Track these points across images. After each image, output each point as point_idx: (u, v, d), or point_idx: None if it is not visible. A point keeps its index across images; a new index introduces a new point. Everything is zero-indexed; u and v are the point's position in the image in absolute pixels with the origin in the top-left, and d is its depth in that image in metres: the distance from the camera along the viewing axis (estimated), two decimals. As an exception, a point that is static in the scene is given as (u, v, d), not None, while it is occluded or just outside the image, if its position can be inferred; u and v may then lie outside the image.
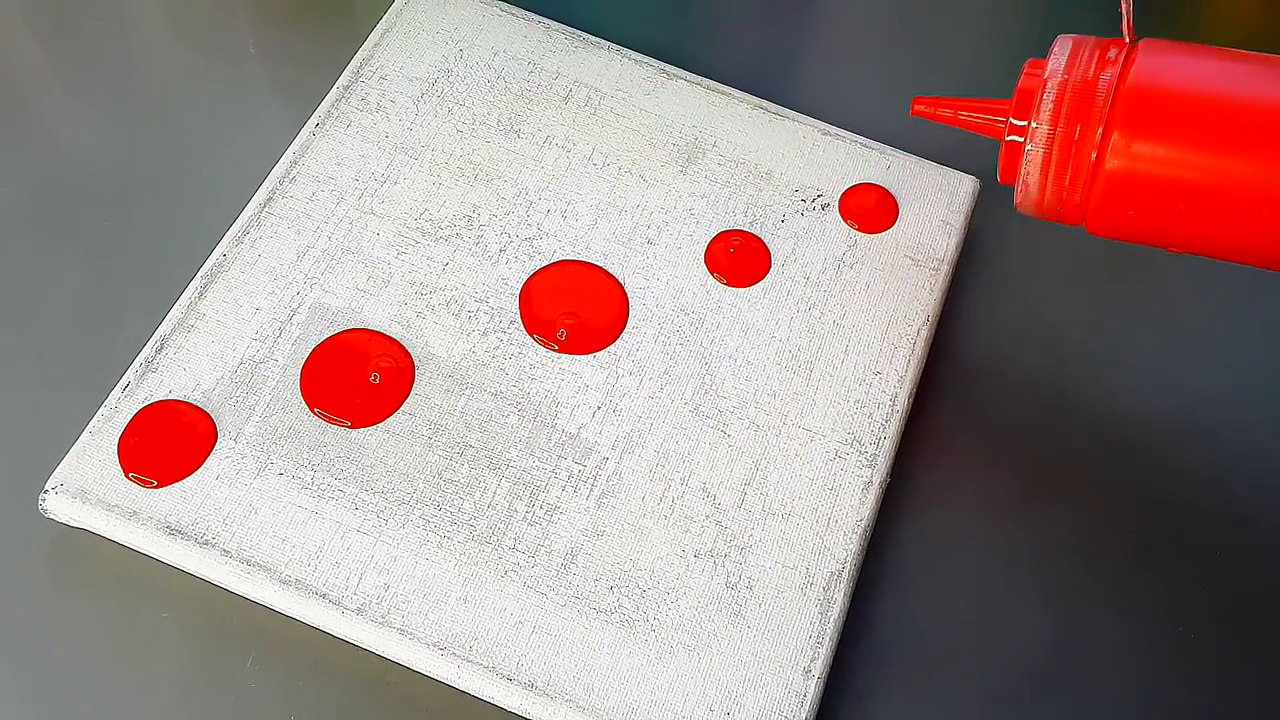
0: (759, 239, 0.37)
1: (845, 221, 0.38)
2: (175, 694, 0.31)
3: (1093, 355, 0.38)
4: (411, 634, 0.30)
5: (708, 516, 0.33)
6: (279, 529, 0.31)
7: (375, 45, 0.40)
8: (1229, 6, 0.48)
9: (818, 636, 0.31)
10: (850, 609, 0.32)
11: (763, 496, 0.33)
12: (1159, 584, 0.34)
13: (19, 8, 0.42)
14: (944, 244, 0.38)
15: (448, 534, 0.32)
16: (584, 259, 0.37)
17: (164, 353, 0.34)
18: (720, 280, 0.36)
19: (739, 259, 0.37)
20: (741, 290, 0.36)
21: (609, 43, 0.41)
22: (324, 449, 0.33)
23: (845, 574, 0.32)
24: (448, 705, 0.31)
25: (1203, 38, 0.47)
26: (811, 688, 0.31)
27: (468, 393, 0.34)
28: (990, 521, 0.35)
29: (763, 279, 0.37)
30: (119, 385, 0.33)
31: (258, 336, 0.34)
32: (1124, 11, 0.30)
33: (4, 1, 0.42)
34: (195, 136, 0.40)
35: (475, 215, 0.37)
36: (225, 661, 0.31)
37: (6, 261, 0.37)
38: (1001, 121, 0.31)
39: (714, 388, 0.35)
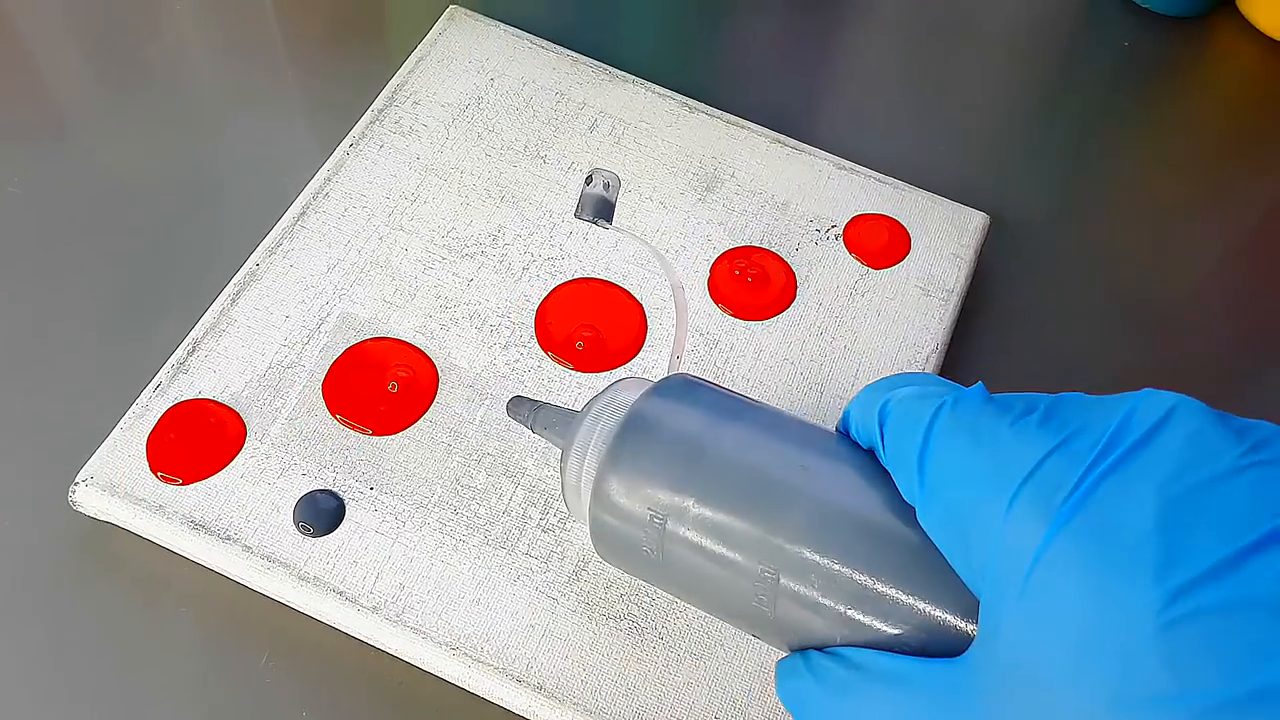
0: (785, 265, 0.38)
1: (854, 256, 0.39)
2: (191, 688, 0.31)
3: (1096, 387, 0.39)
4: (425, 633, 0.31)
5: (717, 530, 0.33)
6: (300, 527, 0.32)
7: (410, 71, 0.42)
8: (1233, 60, 0.50)
9: (823, 650, 0.32)
10: (855, 625, 0.33)
11: (772, 513, 0.34)
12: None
13: (67, 28, 0.44)
14: (954, 276, 0.39)
15: (463, 538, 0.32)
16: (604, 279, 0.38)
17: (195, 355, 0.35)
18: (728, 312, 0.38)
19: (755, 288, 0.38)
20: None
21: (634, 76, 0.42)
22: (346, 452, 0.33)
23: (851, 590, 0.33)
24: (457, 707, 0.31)
25: (1204, 83, 0.49)
26: (816, 700, 0.31)
27: (487, 403, 0.35)
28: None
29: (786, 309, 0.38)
30: (151, 385, 0.34)
31: (287, 343, 0.35)
32: None
33: (52, 22, 0.44)
34: (232, 154, 0.41)
35: (500, 234, 0.38)
36: (241, 658, 0.32)
37: (47, 265, 0.38)
38: None
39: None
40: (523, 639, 0.31)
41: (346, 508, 0.33)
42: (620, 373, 0.36)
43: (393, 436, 0.34)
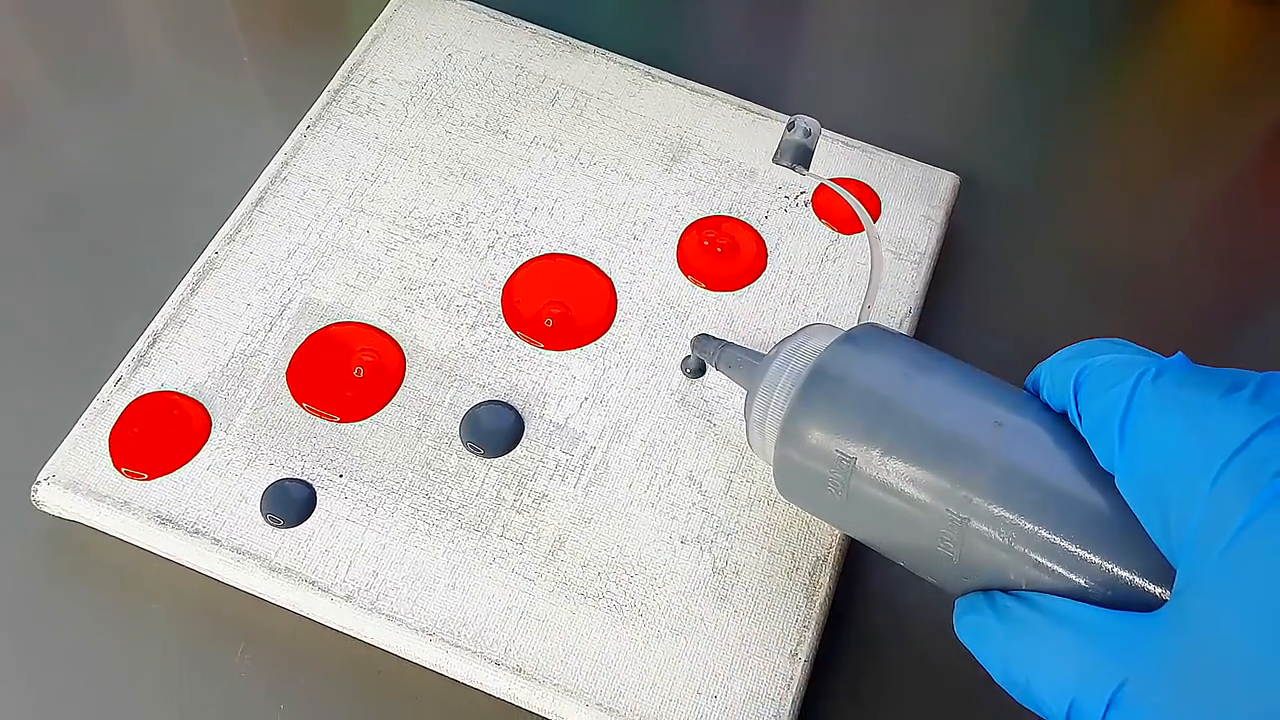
0: (755, 234, 0.38)
1: (824, 222, 0.38)
2: (165, 684, 0.31)
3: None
4: (400, 620, 0.30)
5: (694, 504, 0.33)
6: (269, 518, 0.32)
7: (365, 50, 0.41)
8: (1205, 14, 0.49)
9: (804, 620, 0.31)
10: (836, 593, 0.32)
11: (749, 484, 0.33)
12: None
13: (18, 19, 0.43)
14: (925, 238, 0.38)
15: (436, 522, 0.32)
16: (572, 254, 0.37)
17: (156, 347, 0.34)
18: (700, 285, 0.37)
19: (725, 258, 0.37)
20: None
21: (595, 47, 0.42)
22: (314, 440, 0.33)
23: (830, 559, 0.32)
24: (436, 694, 0.31)
25: (1174, 36, 0.48)
26: (797, 671, 0.31)
27: (456, 384, 0.34)
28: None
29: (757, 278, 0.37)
30: (111, 379, 0.33)
31: (249, 331, 0.35)
32: None
33: (3, 13, 0.43)
34: (189, 143, 0.40)
35: (464, 213, 0.38)
36: (215, 652, 0.31)
37: (4, 261, 0.37)
38: None
39: (700, 379, 0.35)
40: (500, 621, 0.31)
41: (317, 496, 0.32)
42: (591, 349, 0.35)
43: (361, 423, 0.33)
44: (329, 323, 0.35)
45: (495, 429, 0.33)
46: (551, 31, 0.42)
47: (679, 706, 0.30)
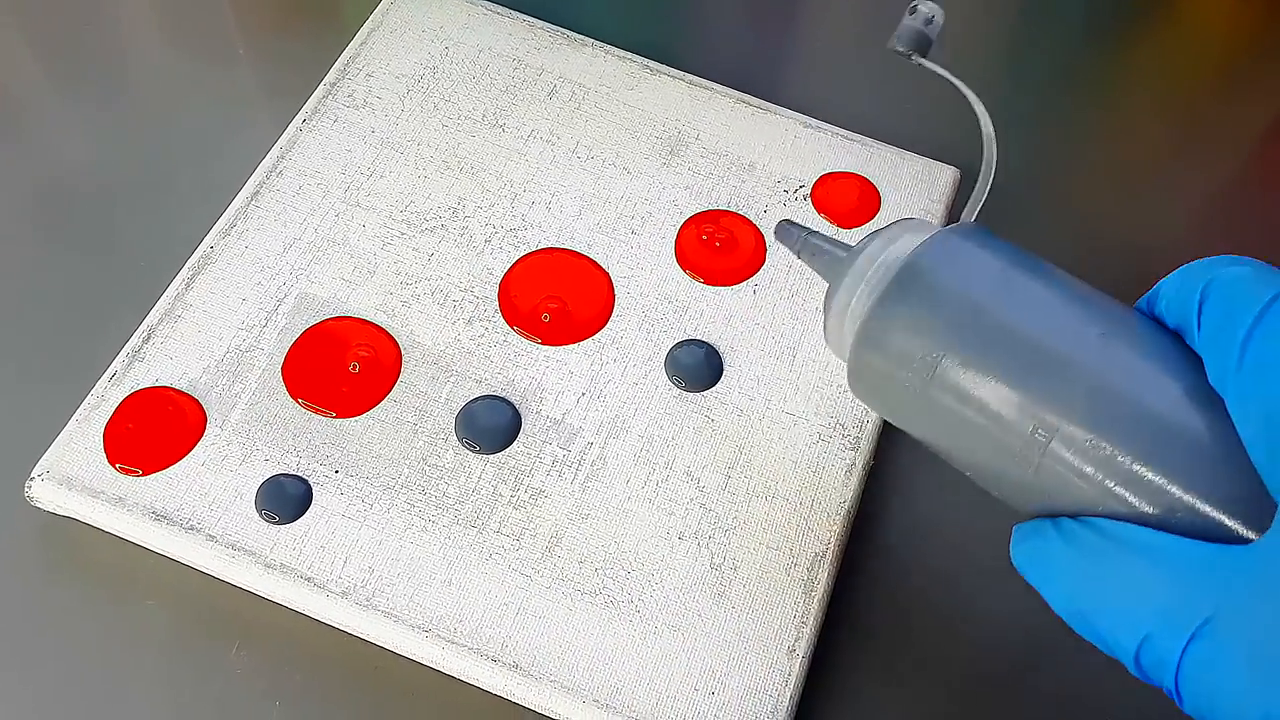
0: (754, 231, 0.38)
1: (823, 216, 0.38)
2: (161, 681, 0.31)
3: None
4: (396, 616, 0.30)
5: (691, 499, 0.33)
6: (264, 514, 0.31)
7: (362, 44, 0.40)
8: (1203, 5, 0.49)
9: (801, 616, 0.31)
10: (834, 590, 0.32)
11: (747, 480, 0.33)
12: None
13: (11, 14, 0.43)
14: (925, 232, 0.38)
15: (433, 518, 0.32)
16: (569, 249, 0.37)
17: (151, 342, 0.34)
18: (697, 279, 0.37)
19: (724, 252, 0.37)
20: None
21: (593, 40, 0.41)
22: (309, 435, 0.33)
23: (829, 555, 0.32)
24: (433, 689, 0.31)
25: (1173, 26, 0.48)
26: (795, 667, 0.31)
27: (453, 380, 0.34)
28: (972, 503, 0.35)
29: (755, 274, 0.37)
30: (106, 374, 0.33)
31: (244, 326, 0.34)
32: None
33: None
34: (185, 137, 0.40)
35: (460, 207, 0.37)
36: (210, 648, 0.31)
37: (0, 256, 0.37)
38: None
39: (693, 391, 0.35)
40: (497, 618, 0.31)
41: (313, 492, 0.32)
42: (589, 344, 0.35)
43: (357, 418, 0.33)
44: (325, 318, 0.35)
45: (492, 424, 0.33)
46: (549, 24, 0.42)
47: (676, 703, 0.30)
